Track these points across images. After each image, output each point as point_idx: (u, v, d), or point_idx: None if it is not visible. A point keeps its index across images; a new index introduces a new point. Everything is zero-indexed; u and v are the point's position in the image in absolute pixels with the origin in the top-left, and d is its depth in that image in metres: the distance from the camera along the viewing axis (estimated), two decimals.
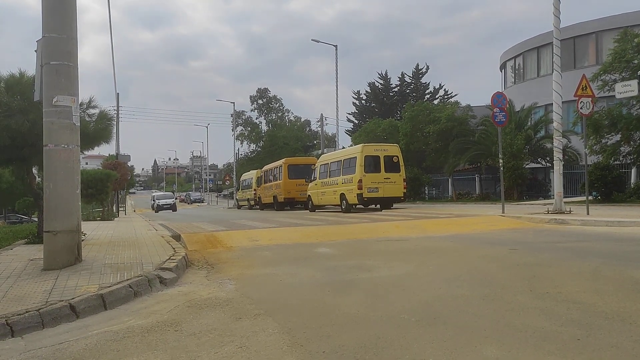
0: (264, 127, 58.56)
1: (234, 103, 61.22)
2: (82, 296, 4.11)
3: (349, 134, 47.02)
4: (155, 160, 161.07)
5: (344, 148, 28.31)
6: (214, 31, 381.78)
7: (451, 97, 45.85)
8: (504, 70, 36.40)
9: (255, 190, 29.37)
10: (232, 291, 4.73)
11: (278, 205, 24.21)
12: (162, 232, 10.29)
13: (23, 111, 7.01)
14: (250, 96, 59.84)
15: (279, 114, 59.89)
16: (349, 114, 50.91)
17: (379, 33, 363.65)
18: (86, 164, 59.01)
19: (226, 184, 55.48)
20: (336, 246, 7.85)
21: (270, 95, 59.79)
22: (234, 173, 48.53)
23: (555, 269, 5.25)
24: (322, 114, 49.52)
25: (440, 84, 50.68)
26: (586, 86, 12.53)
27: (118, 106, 29.49)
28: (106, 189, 17.75)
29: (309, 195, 21.02)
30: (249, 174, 33.08)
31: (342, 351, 2.91)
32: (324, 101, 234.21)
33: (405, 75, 48.77)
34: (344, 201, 17.88)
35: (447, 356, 2.77)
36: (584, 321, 3.31)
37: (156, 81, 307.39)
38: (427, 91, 48.05)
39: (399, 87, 48.90)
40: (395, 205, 18.73)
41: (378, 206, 18.20)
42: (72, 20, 5.78)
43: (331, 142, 53.59)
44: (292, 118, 61.07)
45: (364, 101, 49.39)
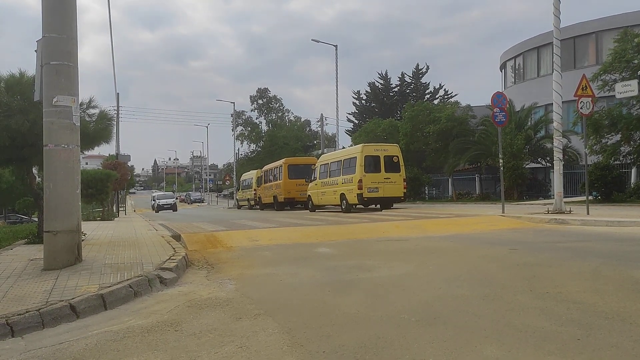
0: (264, 127, 58.61)
1: (234, 103, 61.40)
2: (82, 296, 4.11)
3: (349, 134, 47.09)
4: (155, 160, 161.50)
5: (344, 148, 28.31)
6: (214, 31, 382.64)
7: (451, 97, 45.93)
8: (504, 70, 36.40)
9: (255, 190, 29.36)
10: (232, 291, 4.73)
11: (278, 205, 24.21)
12: (162, 232, 10.30)
13: (23, 111, 7.01)
14: (250, 96, 59.97)
15: (279, 114, 59.91)
16: (349, 114, 51.03)
17: (379, 33, 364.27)
18: (86, 164, 59.05)
19: (226, 184, 55.45)
20: (336, 246, 7.85)
21: (270, 95, 59.86)
22: (234, 173, 48.53)
23: (556, 269, 5.25)
24: (322, 114, 49.63)
25: (440, 84, 50.80)
26: (586, 86, 12.53)
27: (118, 106, 29.52)
28: (106, 189, 17.76)
29: (309, 195, 21.02)
30: (249, 174, 33.08)
31: (342, 351, 2.91)
32: (324, 101, 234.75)
33: (405, 75, 48.83)
34: (344, 201, 17.88)
35: (447, 356, 2.77)
36: (584, 321, 3.31)
37: (156, 81, 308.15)
38: (427, 91, 48.07)
39: (399, 87, 48.90)
40: (395, 205, 18.74)
41: (378, 206, 18.20)
42: (72, 20, 5.78)
43: (331, 142, 53.59)
44: (292, 118, 61.15)
45: (364, 101, 49.40)
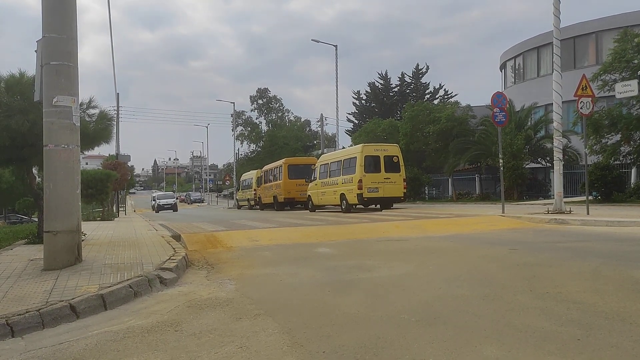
0: (264, 127, 58.63)
1: (234, 103, 61.47)
2: (82, 296, 4.11)
3: (349, 134, 47.10)
4: (155, 160, 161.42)
5: (344, 148, 28.31)
6: (214, 31, 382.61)
7: (451, 97, 45.94)
8: (504, 70, 36.40)
9: (255, 190, 29.36)
10: (232, 291, 4.73)
11: (278, 205, 24.21)
12: (162, 232, 10.30)
13: (23, 111, 7.01)
14: (250, 96, 59.99)
15: (279, 114, 59.92)
16: (349, 114, 51.04)
17: (379, 33, 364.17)
18: (86, 164, 59.06)
19: (226, 184, 55.45)
20: (336, 246, 7.85)
21: (270, 95, 59.89)
22: (234, 173, 48.53)
23: (555, 269, 5.25)
24: (322, 114, 49.60)
25: (440, 84, 50.84)
26: (586, 86, 12.53)
27: (118, 106, 29.52)
28: (106, 189, 17.76)
29: (309, 195, 21.02)
30: (249, 174, 33.08)
31: (342, 351, 2.91)
32: (324, 101, 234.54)
33: (405, 75, 48.86)
34: (344, 201, 17.88)
35: (447, 356, 2.77)
36: (584, 321, 3.31)
37: (156, 81, 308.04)
38: (427, 91, 48.08)
39: (399, 87, 48.92)
40: (395, 205, 18.74)
41: (378, 206, 18.20)
42: (72, 20, 5.78)
43: (331, 142, 53.60)
44: (292, 118, 61.17)
45: (364, 101, 49.40)
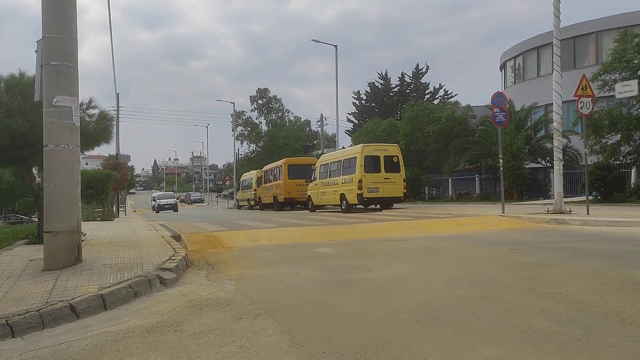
0: (264, 127, 58.68)
1: (234, 103, 61.46)
2: (82, 296, 4.11)
3: (349, 134, 47.09)
4: (155, 160, 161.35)
5: (344, 148, 28.31)
6: (214, 31, 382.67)
7: (451, 97, 45.92)
8: (504, 70, 36.39)
9: (255, 190, 29.35)
10: (232, 291, 4.73)
11: (278, 206, 24.20)
12: (162, 233, 10.29)
13: (23, 111, 7.02)
14: (250, 96, 60.07)
15: (279, 114, 59.97)
16: (349, 114, 51.02)
17: (379, 33, 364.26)
18: (86, 164, 59.07)
19: (226, 184, 55.45)
20: (336, 246, 7.85)
21: (270, 95, 59.96)
22: (234, 173, 48.53)
23: (556, 269, 5.25)
24: (322, 114, 49.64)
25: (440, 84, 50.87)
26: (586, 86, 12.53)
27: (118, 106, 29.54)
28: (106, 189, 17.77)
29: (309, 196, 21.02)
30: (249, 174, 33.08)
31: (342, 351, 2.91)
32: (324, 101, 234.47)
33: (405, 75, 48.84)
34: (344, 201, 17.88)
35: (447, 356, 2.77)
36: (584, 321, 3.31)
37: (156, 81, 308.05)
38: (427, 91, 48.07)
39: (399, 87, 48.90)
40: (395, 205, 18.73)
41: (378, 206, 18.20)
42: (72, 21, 5.78)
43: (331, 142, 53.62)
44: (292, 118, 61.23)
45: (364, 101, 49.40)
